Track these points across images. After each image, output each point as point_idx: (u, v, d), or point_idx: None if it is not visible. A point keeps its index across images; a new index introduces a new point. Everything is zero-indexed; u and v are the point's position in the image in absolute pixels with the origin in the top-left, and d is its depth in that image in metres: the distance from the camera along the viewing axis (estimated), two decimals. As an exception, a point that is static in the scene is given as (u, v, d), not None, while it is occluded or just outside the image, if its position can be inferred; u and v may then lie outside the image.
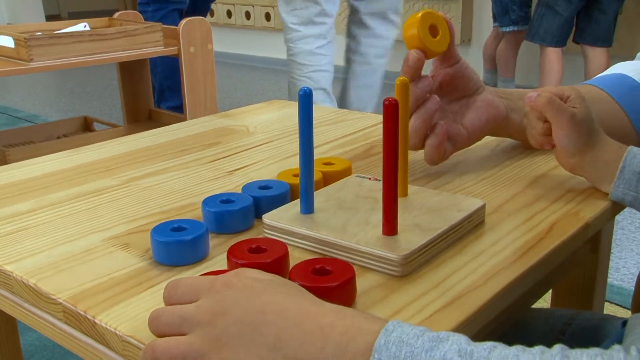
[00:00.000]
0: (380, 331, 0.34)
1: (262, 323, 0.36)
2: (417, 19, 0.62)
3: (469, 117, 0.66)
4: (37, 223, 0.59)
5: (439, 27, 0.63)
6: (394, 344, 0.33)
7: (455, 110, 0.67)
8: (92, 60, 1.70)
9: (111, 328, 0.42)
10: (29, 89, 4.21)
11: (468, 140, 0.66)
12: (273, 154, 0.77)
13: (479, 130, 0.66)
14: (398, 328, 0.34)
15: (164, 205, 0.62)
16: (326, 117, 0.94)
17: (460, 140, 0.66)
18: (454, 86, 0.66)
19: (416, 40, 0.62)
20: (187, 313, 0.38)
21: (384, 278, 0.47)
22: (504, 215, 0.58)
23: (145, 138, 0.85)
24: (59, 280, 0.48)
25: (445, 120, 0.65)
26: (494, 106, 0.67)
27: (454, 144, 0.65)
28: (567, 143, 0.59)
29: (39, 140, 2.08)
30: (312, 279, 0.43)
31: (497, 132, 0.71)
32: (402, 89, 0.54)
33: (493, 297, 0.45)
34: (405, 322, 0.41)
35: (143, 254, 0.52)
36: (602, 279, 0.79)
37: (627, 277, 1.63)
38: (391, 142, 0.47)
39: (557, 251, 0.52)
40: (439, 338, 0.33)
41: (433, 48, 0.62)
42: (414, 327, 0.34)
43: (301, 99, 0.50)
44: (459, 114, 0.66)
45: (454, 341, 0.33)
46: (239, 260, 0.45)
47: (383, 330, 0.34)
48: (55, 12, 7.17)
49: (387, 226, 0.49)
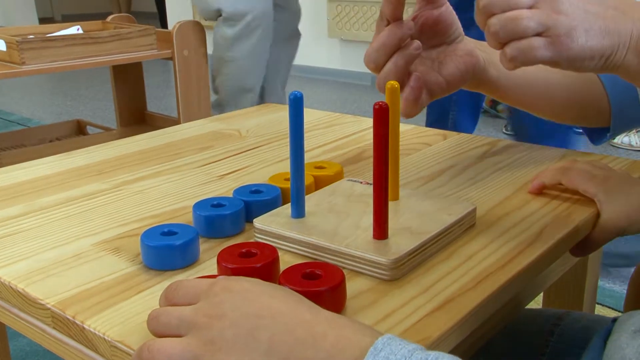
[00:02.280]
0: (369, 346, 0.34)
1: (257, 327, 0.36)
2: None
3: (448, 66, 0.62)
4: (27, 227, 0.58)
5: None
6: None
7: (434, 57, 0.62)
8: (85, 63, 1.69)
9: (100, 333, 0.42)
10: (21, 92, 4.20)
11: (446, 91, 0.63)
12: (265, 157, 0.77)
13: (458, 80, 0.62)
14: (387, 347, 0.33)
15: (155, 209, 0.62)
16: (318, 121, 0.94)
17: (438, 91, 0.62)
18: (435, 31, 0.62)
19: None
20: (185, 315, 0.38)
21: (374, 282, 0.47)
22: (495, 218, 0.58)
23: (137, 142, 0.85)
24: (48, 285, 0.48)
25: (423, 67, 0.61)
26: (473, 56, 0.62)
27: (431, 94, 0.62)
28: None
29: (32, 143, 2.07)
30: (301, 283, 0.43)
31: (474, 86, 0.66)
32: (392, 92, 0.54)
33: (483, 300, 0.45)
34: (395, 326, 0.42)
35: (133, 258, 0.52)
36: (592, 281, 0.80)
37: (619, 279, 1.64)
38: (381, 146, 0.47)
39: (547, 255, 0.52)
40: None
41: None
42: (404, 346, 0.34)
43: (291, 103, 0.50)
44: (437, 62, 0.62)
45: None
46: (228, 265, 0.45)
47: (372, 349, 0.33)
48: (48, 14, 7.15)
49: (378, 230, 0.49)
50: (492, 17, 0.47)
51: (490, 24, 0.47)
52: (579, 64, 0.47)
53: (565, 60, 0.47)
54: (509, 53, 0.47)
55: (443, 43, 0.62)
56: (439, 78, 0.61)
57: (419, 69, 0.61)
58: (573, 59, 0.47)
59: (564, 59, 0.47)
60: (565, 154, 0.75)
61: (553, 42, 0.46)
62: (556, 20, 0.46)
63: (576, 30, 0.46)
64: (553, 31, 0.46)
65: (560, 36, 0.46)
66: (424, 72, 0.61)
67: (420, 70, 0.61)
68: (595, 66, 0.48)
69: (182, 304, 0.40)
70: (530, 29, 0.46)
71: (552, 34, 0.46)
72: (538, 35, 0.46)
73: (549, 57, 0.46)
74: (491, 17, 0.48)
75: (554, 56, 0.46)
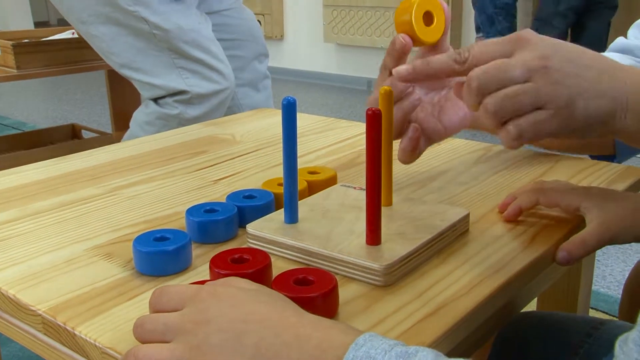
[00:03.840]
0: (352, 344, 0.34)
1: (243, 332, 0.36)
2: (412, 3, 0.57)
3: (448, 112, 0.62)
4: (19, 232, 0.58)
5: (435, 15, 0.59)
6: (361, 359, 0.33)
7: (434, 102, 0.63)
8: (79, 68, 1.69)
9: (91, 340, 0.42)
10: (16, 96, 4.19)
11: (444, 137, 0.63)
12: (259, 162, 0.77)
13: (456, 126, 0.63)
14: (369, 342, 0.34)
15: (148, 214, 0.62)
16: (312, 126, 0.94)
17: (436, 138, 0.62)
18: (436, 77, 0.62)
19: (407, 27, 0.58)
20: (171, 321, 0.38)
21: (367, 288, 0.47)
22: (488, 224, 0.58)
23: (131, 146, 0.84)
24: (39, 291, 0.48)
25: (423, 114, 0.62)
26: None
27: (429, 141, 0.62)
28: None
29: (26, 148, 2.07)
30: (294, 290, 0.42)
31: (476, 126, 0.66)
32: (385, 98, 0.54)
33: (476, 306, 0.45)
34: (388, 332, 0.41)
35: (126, 263, 0.52)
36: (586, 285, 0.80)
37: (614, 284, 1.64)
38: (374, 152, 0.47)
39: (540, 260, 0.52)
40: (407, 353, 0.33)
41: (425, 39, 0.58)
42: (385, 342, 0.34)
43: (284, 109, 0.50)
44: (437, 107, 0.63)
45: (421, 357, 0.33)
46: (221, 271, 0.45)
47: (353, 345, 0.34)
48: (44, 18, 7.14)
49: (371, 236, 0.49)
50: (488, 97, 0.46)
51: (488, 104, 0.46)
52: (584, 132, 0.47)
53: (571, 129, 0.46)
54: (515, 132, 0.46)
55: (444, 87, 0.63)
56: (438, 125, 0.62)
57: (419, 115, 0.61)
58: (576, 128, 0.46)
59: (570, 129, 0.46)
60: (559, 159, 0.75)
61: (556, 114, 0.45)
62: (554, 91, 0.45)
63: (575, 99, 0.46)
64: (554, 104, 0.45)
65: (562, 108, 0.45)
66: (423, 119, 0.61)
67: (420, 116, 0.61)
68: (597, 132, 0.47)
69: (167, 310, 0.40)
70: (530, 104, 0.45)
71: (553, 107, 0.45)
72: (538, 109, 0.46)
73: (554, 129, 0.45)
74: (486, 97, 0.47)
75: (559, 128, 0.46)
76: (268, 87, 1.88)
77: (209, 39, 1.50)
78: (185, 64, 1.45)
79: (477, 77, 0.47)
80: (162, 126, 1.53)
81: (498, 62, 0.47)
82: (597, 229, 0.54)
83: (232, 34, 1.75)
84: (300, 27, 4.60)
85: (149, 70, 1.45)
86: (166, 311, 0.40)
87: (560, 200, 0.57)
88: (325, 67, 4.52)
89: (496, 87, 0.46)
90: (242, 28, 1.77)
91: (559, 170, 0.71)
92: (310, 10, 4.39)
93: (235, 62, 1.73)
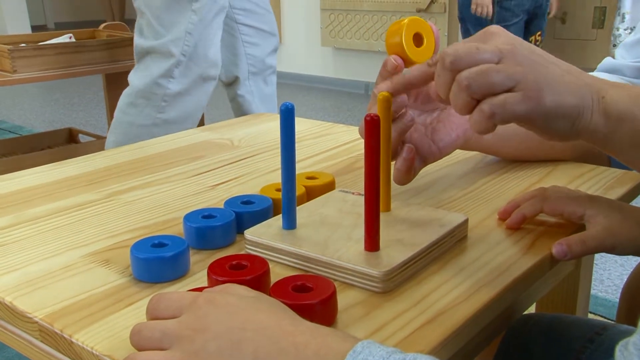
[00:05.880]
0: (349, 351, 0.34)
1: (241, 340, 0.36)
2: (402, 25, 0.59)
3: (441, 133, 0.63)
4: (16, 239, 0.58)
5: (425, 36, 0.60)
6: None
7: (427, 123, 0.64)
8: (77, 72, 1.69)
9: (88, 347, 0.41)
10: (13, 100, 4.19)
11: (438, 157, 0.64)
12: (257, 167, 0.77)
13: (450, 146, 0.64)
14: (366, 349, 0.34)
15: (146, 220, 0.62)
16: (310, 130, 0.94)
17: (431, 159, 0.63)
18: (429, 98, 0.64)
19: (399, 48, 0.59)
20: (168, 328, 0.38)
21: (366, 294, 0.47)
22: (487, 230, 0.58)
23: (129, 151, 0.84)
24: (36, 297, 0.47)
25: (417, 135, 0.63)
26: (466, 121, 0.64)
27: (424, 161, 0.63)
28: None
29: (23, 152, 2.06)
30: (292, 296, 0.42)
31: (468, 147, 0.70)
32: (384, 103, 0.54)
33: (475, 313, 0.45)
34: (387, 339, 0.41)
35: (123, 270, 0.51)
36: (584, 290, 0.80)
37: (611, 288, 1.64)
38: (373, 157, 0.47)
39: (540, 266, 0.52)
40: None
41: (416, 59, 0.60)
42: (383, 349, 0.34)
43: (282, 115, 0.50)
44: (431, 128, 0.64)
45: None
46: (219, 277, 0.45)
47: (351, 352, 0.34)
48: (41, 22, 7.14)
49: (369, 242, 0.49)
50: (461, 73, 0.47)
51: (461, 78, 0.47)
52: (552, 122, 0.47)
53: (540, 115, 0.46)
54: (488, 110, 0.46)
55: (437, 108, 0.64)
56: (432, 146, 0.62)
57: (413, 137, 0.62)
58: (546, 114, 0.46)
59: (540, 114, 0.46)
60: (557, 164, 0.75)
61: (526, 95, 0.46)
62: (523, 73, 0.46)
63: (543, 86, 0.46)
64: (524, 85, 0.46)
65: (532, 90, 0.46)
66: (417, 140, 0.62)
67: (414, 138, 0.62)
68: (565, 126, 0.47)
69: (165, 317, 0.40)
70: (502, 82, 0.46)
71: (523, 88, 0.46)
72: (509, 90, 0.46)
73: (525, 111, 0.46)
74: (460, 73, 0.47)
75: (529, 110, 0.46)
76: (274, 82, 1.96)
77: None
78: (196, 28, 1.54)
79: (451, 54, 0.48)
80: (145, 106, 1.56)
81: (470, 45, 0.48)
82: (602, 232, 0.54)
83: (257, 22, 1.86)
84: (298, 31, 4.60)
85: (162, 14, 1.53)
86: (164, 318, 0.40)
87: (564, 208, 0.57)
88: (323, 71, 4.53)
89: (469, 65, 0.47)
90: (266, 19, 1.86)
91: (557, 176, 0.71)
92: (307, 14, 4.40)
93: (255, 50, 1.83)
